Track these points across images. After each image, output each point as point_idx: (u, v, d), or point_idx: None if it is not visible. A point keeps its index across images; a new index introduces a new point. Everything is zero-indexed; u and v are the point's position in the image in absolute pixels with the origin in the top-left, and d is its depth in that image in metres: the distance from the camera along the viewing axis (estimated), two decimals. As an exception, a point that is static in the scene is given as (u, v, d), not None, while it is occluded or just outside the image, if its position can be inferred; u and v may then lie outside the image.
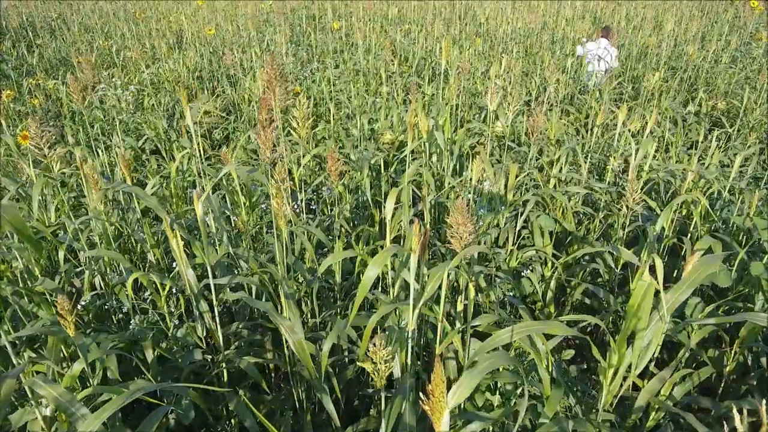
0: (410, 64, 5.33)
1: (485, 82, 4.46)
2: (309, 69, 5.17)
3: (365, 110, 3.83)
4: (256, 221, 1.87)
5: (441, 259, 1.72)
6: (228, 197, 1.83)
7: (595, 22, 7.54)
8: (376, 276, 1.01)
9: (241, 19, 6.67)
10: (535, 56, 5.67)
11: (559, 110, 3.96)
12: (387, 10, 7.38)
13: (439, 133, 2.06)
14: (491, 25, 6.86)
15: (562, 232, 2.36)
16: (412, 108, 1.54)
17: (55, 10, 8.55)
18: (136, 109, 4.31)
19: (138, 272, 1.37)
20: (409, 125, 1.60)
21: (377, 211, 2.13)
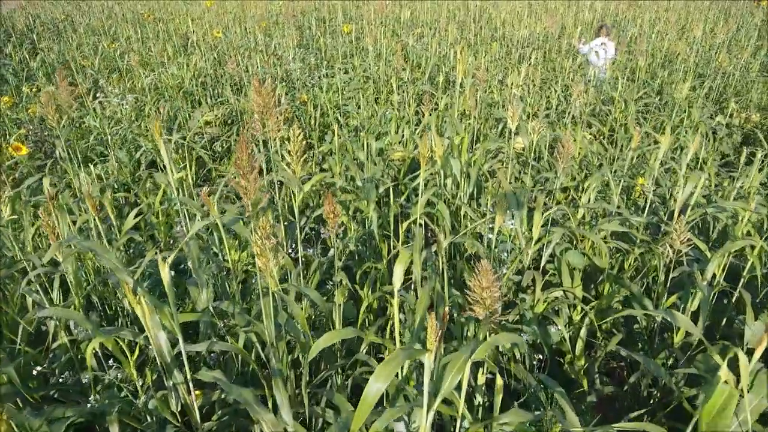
0: (423, 71, 5.10)
1: (502, 92, 4.21)
2: (317, 75, 4.96)
3: (374, 124, 3.61)
4: (247, 259, 1.66)
5: (459, 329, 1.48)
6: (215, 232, 1.62)
7: (614, 26, 7.24)
8: (381, 392, 0.78)
9: (249, 22, 6.48)
10: (554, 62, 5.41)
11: (580, 119, 3.71)
12: (399, 12, 7.15)
13: (455, 160, 1.83)
14: (507, 29, 6.60)
15: (591, 266, 2.12)
16: (424, 140, 1.32)
17: (63, 11, 8.44)
18: (137, 116, 4.14)
19: (100, 336, 1.16)
20: (422, 157, 1.37)
21: (384, 243, 1.91)
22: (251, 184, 0.95)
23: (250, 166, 0.95)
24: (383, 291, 1.58)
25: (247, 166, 0.94)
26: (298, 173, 1.29)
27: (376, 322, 1.56)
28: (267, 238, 1.00)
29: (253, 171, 0.95)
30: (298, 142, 1.27)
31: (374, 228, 1.76)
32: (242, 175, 0.95)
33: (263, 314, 1.16)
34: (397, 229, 2.02)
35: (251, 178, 0.96)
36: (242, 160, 0.94)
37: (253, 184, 0.96)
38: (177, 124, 3.76)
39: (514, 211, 1.82)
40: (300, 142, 1.27)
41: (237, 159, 0.94)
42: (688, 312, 1.68)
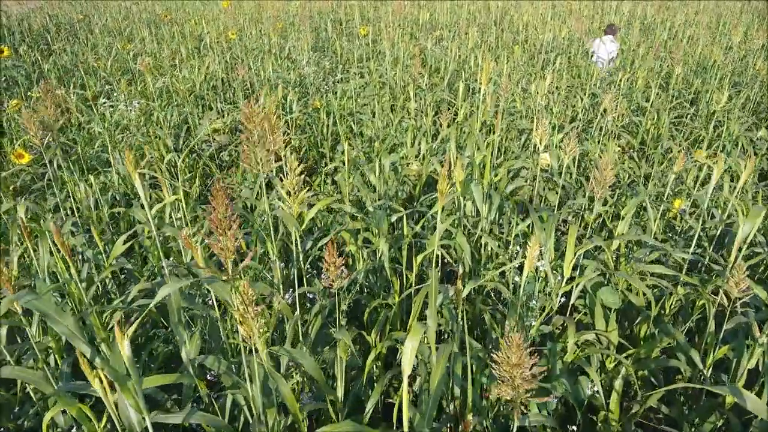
0: (442, 76, 4.90)
1: (525, 100, 3.99)
2: (332, 80, 4.79)
3: (389, 135, 3.42)
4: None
5: (478, 388, 1.28)
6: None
7: (643, 30, 6.94)
8: None
9: (266, 23, 6.34)
10: (580, 68, 5.15)
11: (610, 132, 3.47)
12: (418, 14, 6.94)
13: (477, 187, 1.64)
14: (530, 32, 6.35)
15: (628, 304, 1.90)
16: (443, 174, 1.13)
17: (81, 11, 8.42)
18: (146, 121, 4.02)
19: (62, 400, 1.00)
20: (440, 193, 1.18)
21: (396, 277, 1.72)
22: (229, 242, 0.77)
23: (228, 221, 0.77)
24: (393, 340, 1.39)
25: (225, 221, 0.77)
26: (295, 211, 1.11)
27: (386, 374, 1.38)
28: (250, 305, 0.82)
29: (232, 226, 0.78)
30: (296, 176, 1.09)
31: (385, 262, 1.57)
32: (218, 231, 0.77)
33: (250, 380, 0.99)
34: (410, 259, 1.83)
35: (230, 235, 0.78)
36: (218, 214, 0.76)
37: (232, 241, 0.78)
38: (185, 130, 3.62)
39: (543, 247, 1.62)
40: (298, 175, 1.09)
41: (212, 213, 0.76)
42: (743, 369, 1.46)
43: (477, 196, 1.62)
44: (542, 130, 1.89)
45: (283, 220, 1.14)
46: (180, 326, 1.07)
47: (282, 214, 1.11)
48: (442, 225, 1.63)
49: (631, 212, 1.88)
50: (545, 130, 1.91)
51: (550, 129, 2.88)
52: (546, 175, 2.77)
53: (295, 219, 1.12)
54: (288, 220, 1.11)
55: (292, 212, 1.11)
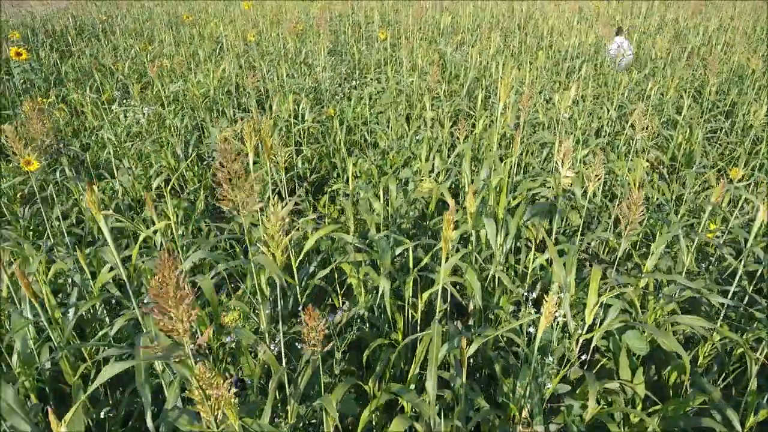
0: (461, 83, 4.73)
1: (548, 111, 3.80)
2: (348, 86, 4.67)
3: (403, 147, 3.28)
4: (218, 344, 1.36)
5: None
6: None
7: (676, 36, 6.64)
8: None
9: (284, 25, 6.26)
10: (606, 76, 4.93)
11: (637, 146, 3.27)
12: (439, 18, 6.78)
13: (490, 221, 1.48)
14: (555, 37, 6.13)
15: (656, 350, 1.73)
16: (447, 219, 0.99)
17: (105, 12, 8.49)
18: (159, 127, 3.96)
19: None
20: (444, 241, 1.04)
21: (400, 315, 1.58)
22: (182, 318, 0.65)
23: (178, 295, 0.64)
24: (392, 393, 1.25)
25: (173, 297, 0.64)
26: (280, 260, 0.98)
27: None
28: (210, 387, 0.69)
29: (183, 300, 0.65)
30: (280, 220, 0.96)
31: (386, 301, 1.44)
32: (166, 307, 0.64)
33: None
34: (416, 289, 1.69)
35: (181, 310, 0.66)
36: (166, 287, 0.64)
37: (186, 316, 0.65)
38: (195, 138, 3.54)
39: (562, 287, 1.47)
40: (282, 219, 0.96)
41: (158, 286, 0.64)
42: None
43: (490, 231, 1.48)
44: (565, 152, 1.73)
45: (266, 267, 1.01)
46: (146, 387, 0.95)
47: (263, 261, 0.98)
48: (452, 259, 1.48)
49: (661, 247, 1.71)
50: (568, 153, 1.75)
51: (573, 146, 2.71)
52: (568, 194, 2.59)
53: (280, 266, 0.99)
54: (270, 267, 0.98)
55: (278, 259, 0.98)
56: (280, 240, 0.98)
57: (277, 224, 0.97)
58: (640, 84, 4.51)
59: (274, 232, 0.96)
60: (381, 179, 3.13)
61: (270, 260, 0.99)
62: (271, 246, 0.97)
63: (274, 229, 0.96)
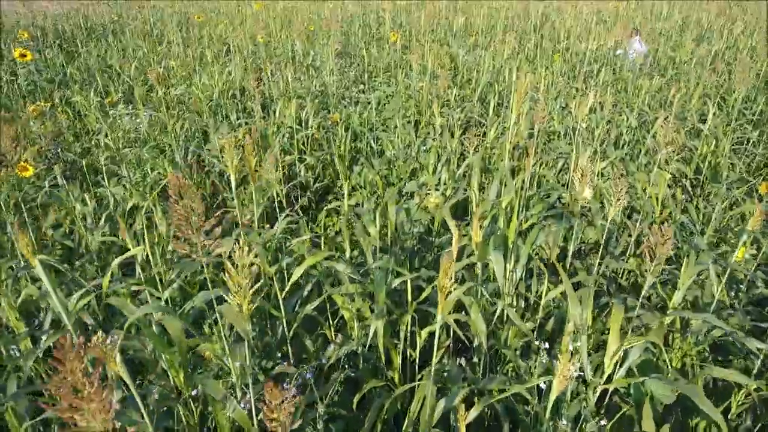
0: (473, 88, 4.56)
1: (564, 118, 3.62)
2: (355, 90, 4.53)
3: (409, 156, 3.13)
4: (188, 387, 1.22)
5: None
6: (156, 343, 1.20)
7: (699, 40, 6.38)
8: None
9: (294, 26, 6.13)
10: (626, 81, 4.72)
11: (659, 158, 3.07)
12: (452, 19, 6.60)
13: (498, 253, 1.33)
14: (572, 40, 5.92)
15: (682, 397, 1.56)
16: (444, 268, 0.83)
17: (117, 12, 8.45)
18: (160, 131, 3.85)
19: None
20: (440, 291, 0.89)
21: (396, 353, 1.43)
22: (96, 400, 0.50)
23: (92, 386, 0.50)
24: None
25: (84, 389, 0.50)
26: (246, 314, 0.84)
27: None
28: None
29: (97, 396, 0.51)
30: (247, 270, 0.82)
31: (379, 341, 1.29)
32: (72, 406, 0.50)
33: None
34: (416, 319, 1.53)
35: (102, 398, 0.51)
36: (72, 381, 0.49)
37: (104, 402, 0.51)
38: (194, 144, 3.42)
39: (578, 326, 1.30)
40: (249, 269, 0.82)
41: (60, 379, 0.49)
42: None
43: (498, 268, 1.32)
44: (583, 173, 1.57)
45: (233, 321, 0.87)
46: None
47: (227, 313, 0.84)
48: (456, 292, 1.33)
49: (688, 282, 1.53)
50: (587, 170, 1.58)
51: (591, 157, 2.54)
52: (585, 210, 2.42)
53: (247, 320, 0.85)
54: (235, 322, 0.84)
55: (244, 312, 0.84)
56: (248, 290, 0.83)
57: (244, 271, 0.82)
58: (661, 90, 4.30)
59: (240, 281, 0.82)
60: (385, 192, 2.99)
61: (235, 313, 0.84)
62: (236, 297, 0.83)
63: (241, 277, 0.81)
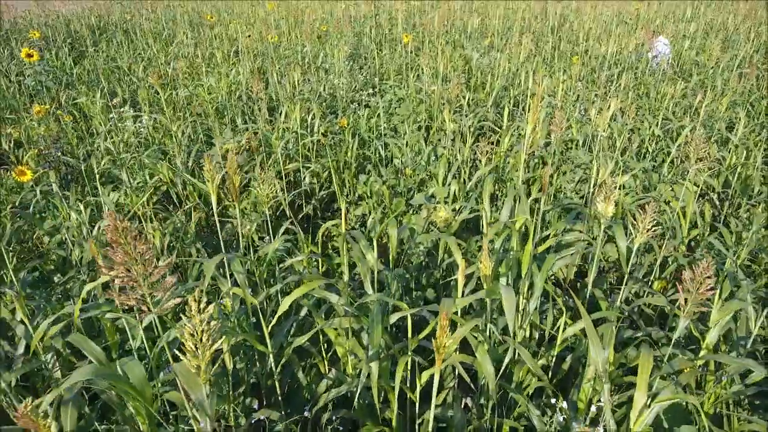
0: (487, 92, 4.39)
1: (583, 126, 3.44)
2: (365, 93, 4.39)
3: (418, 165, 2.98)
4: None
5: None
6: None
7: (724, 46, 6.12)
8: None
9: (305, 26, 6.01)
10: (648, 86, 4.51)
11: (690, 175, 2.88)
12: (467, 20, 6.43)
13: (508, 290, 1.17)
14: (591, 42, 5.71)
15: None
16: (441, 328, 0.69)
17: (128, 12, 8.42)
18: (164, 135, 3.76)
19: None
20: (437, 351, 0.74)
21: (394, 395, 1.28)
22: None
23: None
24: None
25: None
26: (203, 377, 0.70)
27: None
28: None
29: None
30: (205, 329, 0.68)
31: (373, 385, 1.14)
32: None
33: None
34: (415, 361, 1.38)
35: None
36: None
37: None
38: (196, 149, 3.31)
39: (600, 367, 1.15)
40: (209, 325, 0.68)
41: None
42: None
43: (508, 308, 1.15)
44: (607, 196, 1.40)
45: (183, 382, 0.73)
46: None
47: (181, 374, 0.71)
48: (461, 330, 1.18)
49: (724, 320, 1.36)
50: (610, 190, 1.42)
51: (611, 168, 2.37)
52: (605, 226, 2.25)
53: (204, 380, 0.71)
54: (191, 385, 0.70)
55: (201, 372, 0.70)
56: (207, 349, 0.69)
57: (202, 329, 0.68)
58: (686, 96, 4.08)
59: (196, 341, 0.68)
60: (392, 202, 2.84)
61: (191, 375, 0.70)
62: (192, 359, 0.69)
63: (194, 340, 0.67)
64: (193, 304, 0.67)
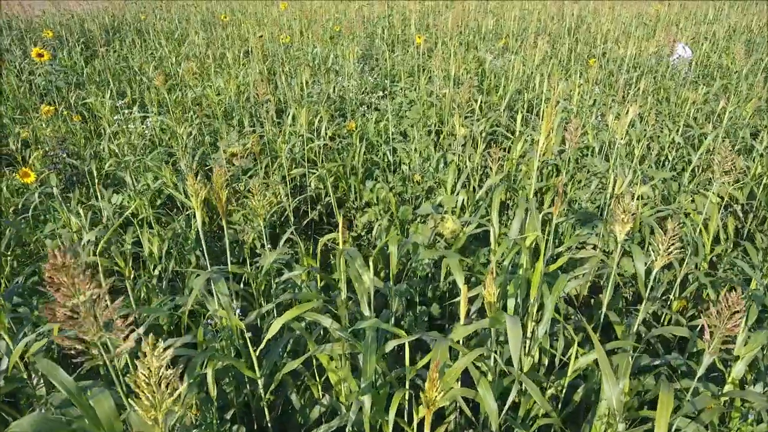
0: (501, 96, 4.28)
1: (599, 132, 3.31)
2: (375, 96, 4.30)
3: (427, 171, 2.89)
4: None
5: None
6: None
7: (748, 49, 5.91)
8: None
9: (315, 26, 5.94)
10: (668, 91, 4.35)
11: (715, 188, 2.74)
12: (482, 21, 6.31)
13: (514, 321, 1.07)
14: (609, 44, 5.56)
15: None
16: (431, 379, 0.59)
17: (143, 11, 8.44)
18: (171, 137, 3.71)
19: None
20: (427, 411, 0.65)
21: (387, 427, 1.19)
22: None
23: None
24: None
25: None
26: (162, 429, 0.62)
27: None
28: None
29: None
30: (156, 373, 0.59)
31: (365, 420, 1.05)
32: None
33: None
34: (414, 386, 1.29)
35: None
36: None
37: None
38: (204, 150, 3.25)
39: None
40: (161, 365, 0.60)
41: None
42: None
43: (513, 341, 1.05)
44: (624, 218, 1.30)
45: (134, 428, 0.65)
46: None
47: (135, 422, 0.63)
48: (463, 360, 1.08)
49: (753, 351, 1.25)
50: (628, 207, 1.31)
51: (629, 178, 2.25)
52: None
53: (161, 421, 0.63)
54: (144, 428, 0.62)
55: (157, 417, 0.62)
56: (166, 399, 0.61)
57: (156, 375, 0.60)
58: (708, 102, 3.93)
59: (149, 392, 0.60)
60: (399, 210, 2.75)
61: (149, 427, 0.62)
62: (146, 413, 0.60)
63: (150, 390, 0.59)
64: (147, 350, 0.59)
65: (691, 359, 1.53)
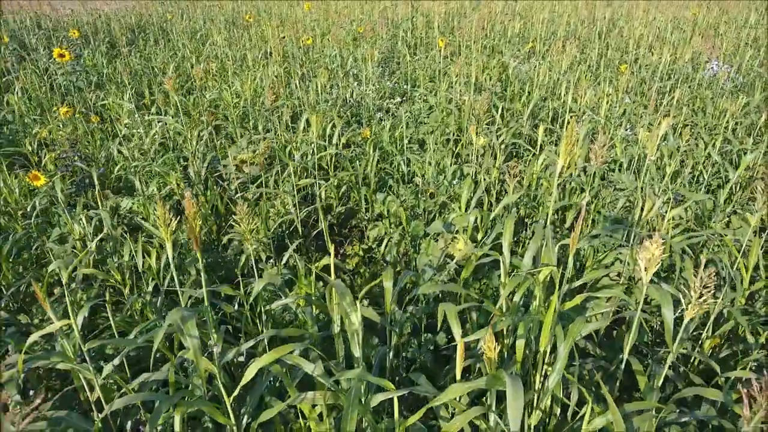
0: (524, 103, 4.09)
1: (628, 146, 3.11)
2: (392, 102, 4.18)
3: (442, 185, 2.75)
4: None
5: None
6: None
7: None
8: None
9: (333, 30, 5.85)
10: (704, 101, 4.09)
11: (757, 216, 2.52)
12: (507, 25, 6.11)
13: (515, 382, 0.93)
14: (642, 50, 5.30)
15: None
16: None
17: (169, 11, 8.50)
18: (184, 140, 3.66)
19: None
20: None
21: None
22: None
23: None
24: None
25: None
26: None
27: None
28: None
29: None
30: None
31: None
32: None
33: None
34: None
35: None
36: None
37: None
38: (210, 158, 3.17)
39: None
40: None
41: None
42: None
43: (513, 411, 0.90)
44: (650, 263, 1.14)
45: None
46: None
47: None
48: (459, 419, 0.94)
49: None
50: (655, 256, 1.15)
51: (660, 200, 2.07)
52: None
53: None
54: None
55: None
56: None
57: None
58: (749, 114, 3.66)
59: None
60: (408, 227, 2.61)
61: None
62: None
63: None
64: None
65: (724, 416, 1.36)
